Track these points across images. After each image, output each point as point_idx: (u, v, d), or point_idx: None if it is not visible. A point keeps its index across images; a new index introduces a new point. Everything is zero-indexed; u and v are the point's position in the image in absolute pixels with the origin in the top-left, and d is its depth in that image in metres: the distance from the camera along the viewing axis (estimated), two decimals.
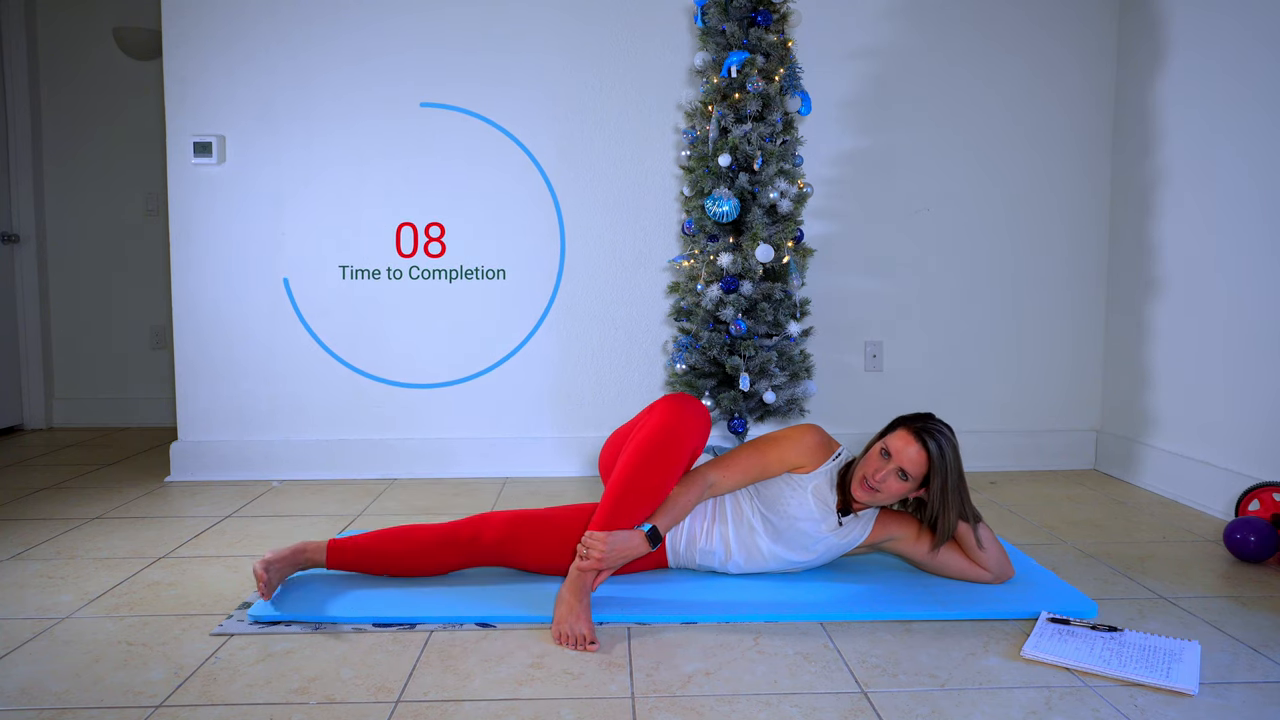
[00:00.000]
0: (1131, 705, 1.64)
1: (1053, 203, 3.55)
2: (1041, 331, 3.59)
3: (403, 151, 3.43)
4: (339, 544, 2.19)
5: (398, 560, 2.18)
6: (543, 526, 2.17)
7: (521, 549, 2.17)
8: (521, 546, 2.17)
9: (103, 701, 1.65)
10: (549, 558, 2.17)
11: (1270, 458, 2.71)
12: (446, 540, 2.16)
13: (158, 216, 4.54)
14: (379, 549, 2.18)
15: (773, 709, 1.63)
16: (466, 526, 2.18)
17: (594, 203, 3.47)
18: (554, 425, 3.53)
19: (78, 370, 4.60)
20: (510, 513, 2.21)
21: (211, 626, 1.99)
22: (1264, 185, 2.74)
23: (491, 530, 2.17)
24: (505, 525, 2.17)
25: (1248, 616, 2.06)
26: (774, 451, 2.15)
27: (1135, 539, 2.66)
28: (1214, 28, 2.96)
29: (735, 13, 2.91)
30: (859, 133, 3.49)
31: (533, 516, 2.20)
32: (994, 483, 3.36)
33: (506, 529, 2.17)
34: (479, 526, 2.18)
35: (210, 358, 3.45)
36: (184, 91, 3.39)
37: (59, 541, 2.63)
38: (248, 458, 3.46)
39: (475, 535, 2.16)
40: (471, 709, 1.63)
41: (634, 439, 2.10)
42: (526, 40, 3.42)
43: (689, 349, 3.00)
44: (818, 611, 2.04)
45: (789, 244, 2.92)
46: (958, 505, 2.06)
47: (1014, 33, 3.49)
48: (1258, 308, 2.77)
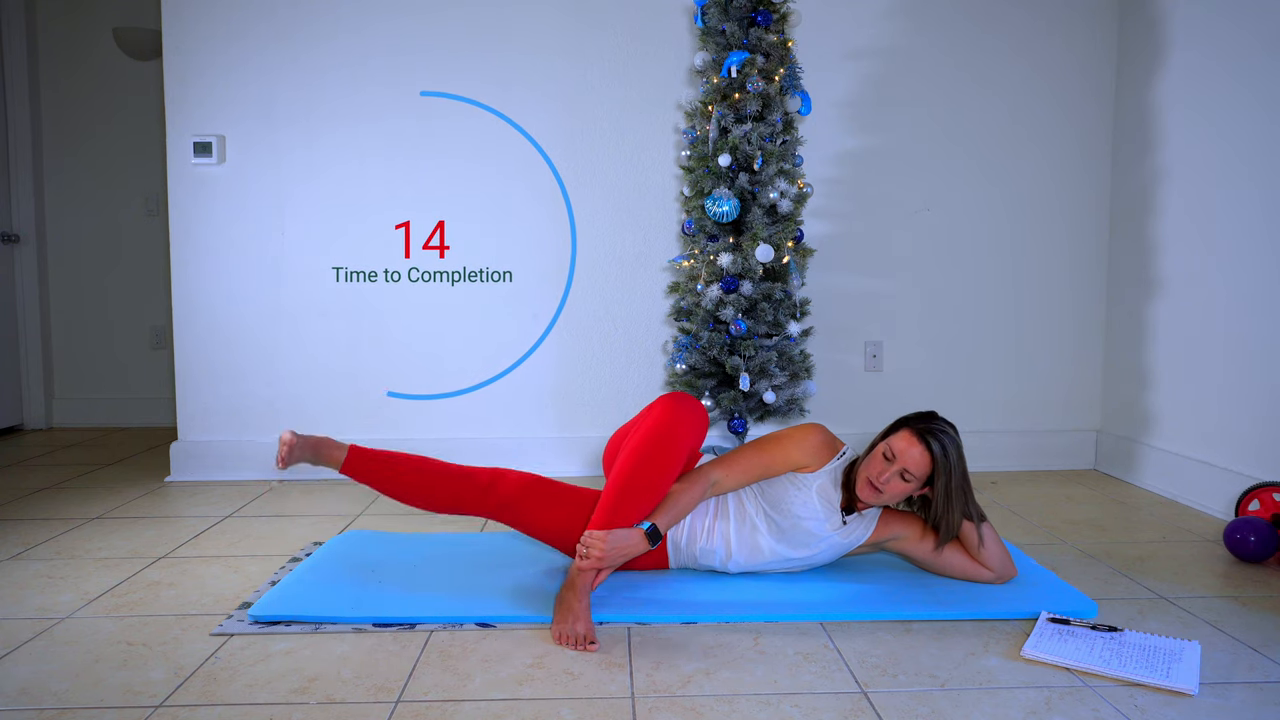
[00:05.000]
0: (1131, 705, 1.64)
1: (1053, 203, 3.55)
2: (1041, 331, 3.59)
3: (404, 149, 3.42)
4: (360, 450, 2.20)
5: (412, 482, 2.18)
6: (556, 495, 2.18)
7: (531, 510, 2.17)
8: (531, 508, 2.17)
9: (103, 701, 1.65)
10: (553, 526, 2.17)
11: (1270, 458, 2.71)
12: (464, 479, 2.17)
13: (158, 216, 4.55)
14: (397, 466, 2.18)
15: (773, 709, 1.63)
16: (485, 473, 2.19)
17: (594, 202, 3.47)
18: (555, 425, 3.53)
19: (78, 370, 4.60)
20: (529, 474, 2.22)
21: (211, 626, 1.99)
22: (1264, 185, 2.74)
23: (508, 484, 2.17)
24: (521, 482, 2.18)
25: (1248, 616, 2.06)
26: (778, 451, 2.15)
27: (1135, 539, 2.66)
28: (1214, 28, 2.96)
29: (735, 13, 2.91)
30: (859, 133, 3.49)
31: (549, 483, 2.21)
32: (994, 483, 3.36)
33: (522, 485, 2.18)
34: (497, 477, 2.18)
35: (210, 358, 3.45)
36: (184, 91, 3.39)
37: (59, 541, 2.63)
38: (248, 458, 3.46)
39: (492, 483, 2.17)
40: (471, 709, 1.63)
41: (632, 438, 2.10)
42: (526, 40, 3.42)
43: (689, 349, 3.00)
44: (818, 611, 2.04)
45: (789, 244, 2.92)
46: (961, 504, 2.06)
47: (1014, 33, 3.49)
48: (1258, 308, 2.77)
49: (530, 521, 2.19)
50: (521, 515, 2.18)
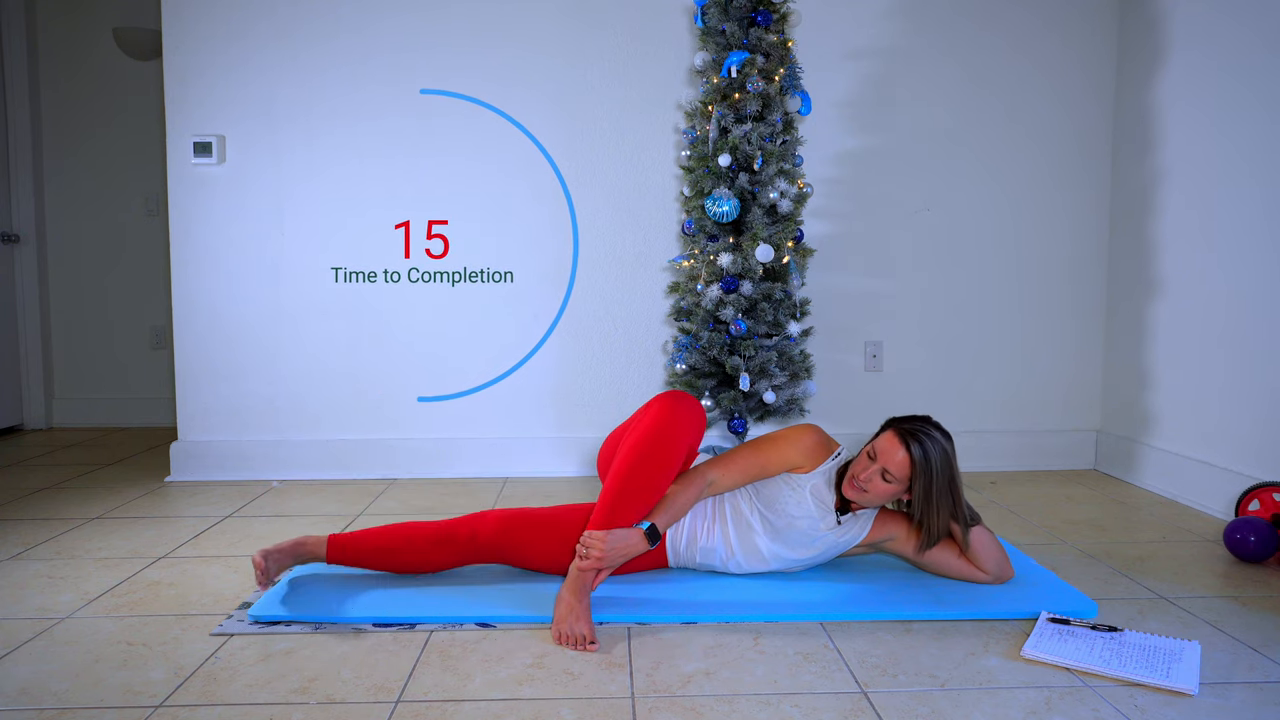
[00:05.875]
0: (1131, 705, 1.64)
1: (1053, 202, 3.55)
2: (1041, 331, 3.58)
3: (405, 148, 3.42)
4: (339, 539, 2.19)
5: (396, 557, 2.18)
6: (538, 525, 2.18)
7: (518, 547, 2.18)
8: (517, 544, 2.17)
9: (103, 701, 1.65)
10: (544, 556, 2.17)
11: (1270, 458, 2.71)
12: (444, 538, 2.17)
13: (158, 216, 4.55)
14: (378, 545, 2.18)
15: (773, 709, 1.63)
16: (464, 525, 2.19)
17: (594, 202, 3.47)
18: (554, 425, 3.53)
19: (78, 370, 4.60)
20: (505, 511, 2.22)
21: (211, 626, 1.99)
22: (1264, 185, 2.74)
23: (487, 528, 2.17)
24: (500, 523, 2.18)
25: (1248, 616, 2.06)
26: (773, 451, 2.15)
27: (1135, 539, 2.66)
28: (1214, 28, 2.96)
29: (735, 13, 2.91)
30: (859, 133, 3.49)
31: (528, 515, 2.20)
32: (994, 483, 3.36)
33: (501, 527, 2.17)
34: (475, 525, 2.18)
35: (210, 358, 3.45)
36: (184, 91, 3.39)
37: (59, 541, 2.63)
38: (248, 458, 3.46)
39: (472, 533, 2.17)
40: (471, 709, 1.63)
41: (629, 437, 2.10)
42: (526, 39, 3.42)
43: (689, 349, 3.00)
44: (818, 611, 2.04)
45: (789, 244, 2.92)
46: (947, 508, 2.05)
47: (1014, 33, 3.49)
48: (1258, 308, 2.77)
49: (521, 557, 2.20)
50: (509, 555, 2.20)
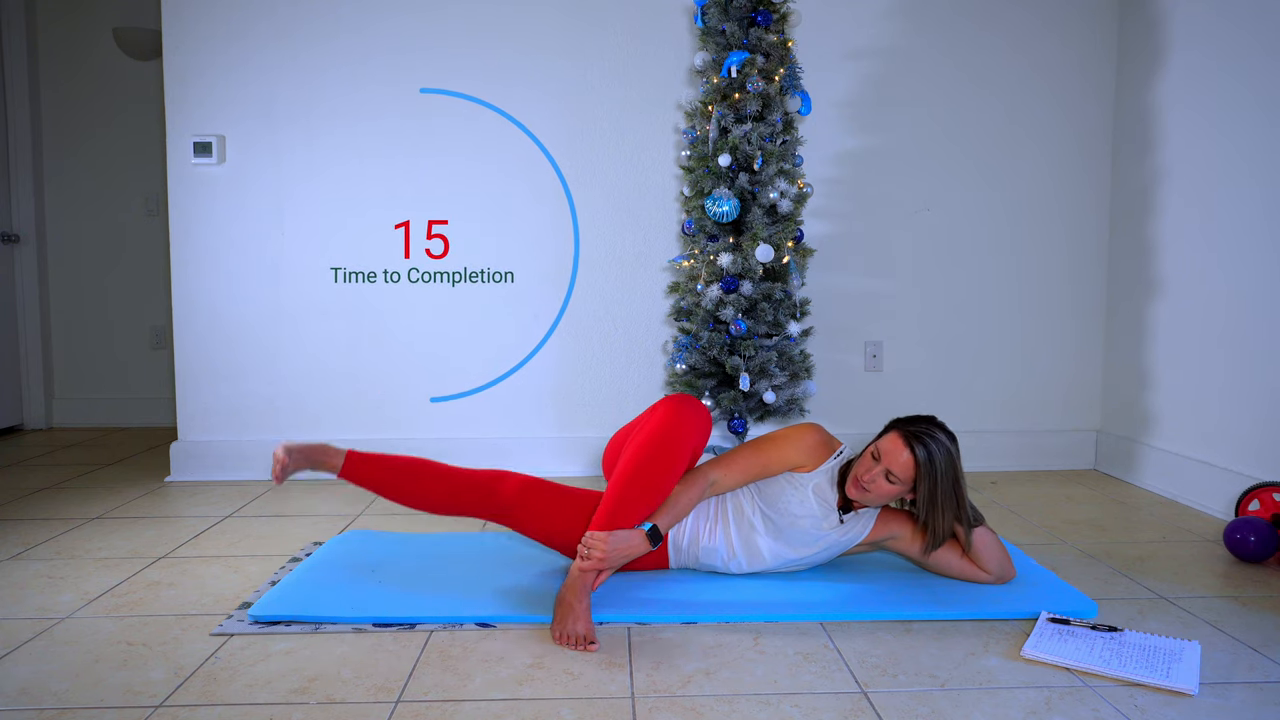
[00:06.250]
0: (1131, 705, 1.64)
1: (1053, 203, 3.55)
2: (1041, 331, 3.58)
3: (404, 148, 3.42)
4: (358, 454, 2.19)
5: (412, 484, 2.17)
6: (556, 498, 2.18)
7: (531, 513, 2.17)
8: (532, 510, 2.17)
9: (103, 701, 1.65)
10: (554, 529, 2.17)
11: (1270, 458, 2.71)
12: (465, 480, 2.17)
13: (158, 216, 4.55)
14: (397, 468, 2.18)
15: (773, 709, 1.63)
16: (486, 475, 2.19)
17: (595, 202, 3.47)
18: (555, 425, 3.53)
19: (78, 370, 4.60)
20: (529, 476, 2.22)
21: (211, 626, 1.99)
22: (1264, 185, 2.74)
23: (508, 486, 2.17)
24: (523, 484, 2.18)
25: (1248, 616, 2.06)
26: (775, 451, 2.15)
27: (1135, 539, 2.66)
28: (1214, 28, 2.96)
29: (735, 13, 2.91)
30: (859, 133, 3.49)
31: (549, 485, 2.20)
32: (994, 483, 3.36)
33: (522, 488, 2.17)
34: (498, 478, 2.18)
35: (210, 358, 3.45)
36: (184, 91, 3.39)
37: (59, 541, 2.63)
38: (248, 458, 3.45)
39: (492, 485, 2.17)
40: (471, 709, 1.63)
41: (635, 439, 2.10)
42: (526, 39, 3.42)
43: (689, 349, 3.00)
44: (818, 611, 2.04)
45: (789, 244, 2.92)
46: (952, 509, 2.05)
47: (1014, 33, 3.49)
48: (1258, 308, 2.77)
49: (531, 524, 2.19)
50: (522, 518, 2.18)
